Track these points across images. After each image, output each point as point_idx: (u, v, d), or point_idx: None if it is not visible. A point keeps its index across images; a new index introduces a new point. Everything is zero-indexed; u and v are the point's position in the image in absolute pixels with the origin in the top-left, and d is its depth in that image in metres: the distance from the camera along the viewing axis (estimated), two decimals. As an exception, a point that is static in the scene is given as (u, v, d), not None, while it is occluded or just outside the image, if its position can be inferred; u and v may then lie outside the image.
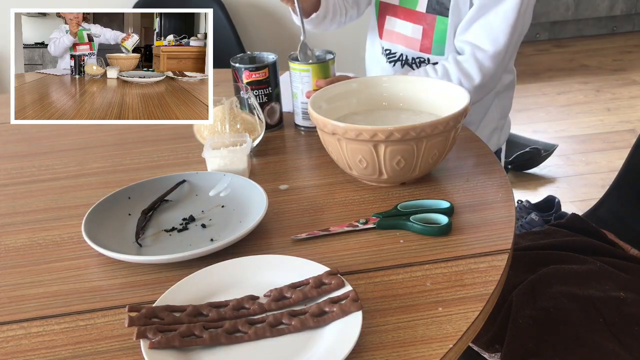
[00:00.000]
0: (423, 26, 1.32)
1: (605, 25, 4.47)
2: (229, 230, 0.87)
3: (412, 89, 1.08)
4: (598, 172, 2.67)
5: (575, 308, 1.04)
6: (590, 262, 1.14)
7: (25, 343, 0.70)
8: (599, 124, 3.14)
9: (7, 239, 0.91)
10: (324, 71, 1.15)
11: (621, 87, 3.58)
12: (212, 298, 0.73)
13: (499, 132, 1.49)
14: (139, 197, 0.95)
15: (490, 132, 1.46)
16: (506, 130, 1.52)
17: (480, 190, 0.96)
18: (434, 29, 1.31)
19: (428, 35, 1.32)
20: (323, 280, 0.73)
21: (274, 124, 1.22)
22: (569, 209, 2.19)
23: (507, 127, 1.53)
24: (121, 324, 0.71)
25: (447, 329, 0.67)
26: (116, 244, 0.84)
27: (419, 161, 0.92)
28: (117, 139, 1.25)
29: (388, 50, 1.42)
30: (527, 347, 0.99)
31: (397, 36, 1.38)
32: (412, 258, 0.80)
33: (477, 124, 1.43)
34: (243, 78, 1.16)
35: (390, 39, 1.40)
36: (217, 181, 0.98)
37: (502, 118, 1.48)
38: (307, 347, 0.65)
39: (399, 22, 1.37)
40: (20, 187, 1.08)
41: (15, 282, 0.81)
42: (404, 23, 1.35)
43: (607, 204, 1.40)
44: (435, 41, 1.32)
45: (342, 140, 0.92)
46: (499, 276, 0.75)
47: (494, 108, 1.45)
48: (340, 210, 0.93)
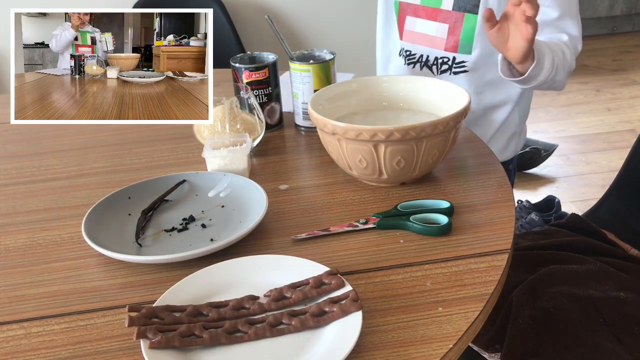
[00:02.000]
0: (449, 24, 1.29)
1: (605, 25, 4.47)
2: (229, 230, 0.87)
3: (412, 89, 1.08)
4: (598, 172, 2.67)
5: (575, 308, 1.04)
6: (590, 262, 1.14)
7: (25, 343, 0.70)
8: (599, 124, 3.14)
9: (7, 239, 0.91)
10: (324, 71, 1.15)
11: (621, 87, 3.58)
12: (212, 298, 0.73)
13: (517, 138, 1.44)
14: (139, 197, 0.95)
15: (509, 138, 1.41)
16: (523, 137, 1.47)
17: (480, 190, 0.96)
18: (462, 27, 1.27)
19: (454, 34, 1.29)
20: (323, 280, 0.73)
21: (274, 124, 1.22)
22: (569, 209, 2.19)
23: (524, 134, 1.48)
24: (121, 324, 0.71)
25: (447, 329, 0.67)
26: (116, 244, 0.84)
27: (419, 161, 0.92)
28: (117, 139, 1.25)
29: (408, 51, 1.38)
30: (527, 347, 0.99)
31: (418, 36, 1.35)
32: (412, 258, 0.80)
33: (496, 128, 1.38)
34: (243, 78, 1.16)
35: (411, 39, 1.37)
36: (217, 181, 0.98)
37: (521, 122, 1.42)
38: (307, 347, 0.65)
39: (421, 21, 1.33)
40: (20, 187, 1.08)
41: (15, 282, 0.81)
42: (428, 22, 1.32)
43: (607, 204, 1.40)
44: (462, 39, 1.29)
45: (342, 140, 0.92)
46: (499, 276, 0.75)
47: (515, 112, 1.39)
48: (340, 210, 0.93)
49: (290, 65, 1.17)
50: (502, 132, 1.40)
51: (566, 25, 1.25)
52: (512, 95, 1.36)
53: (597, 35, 4.47)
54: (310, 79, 1.15)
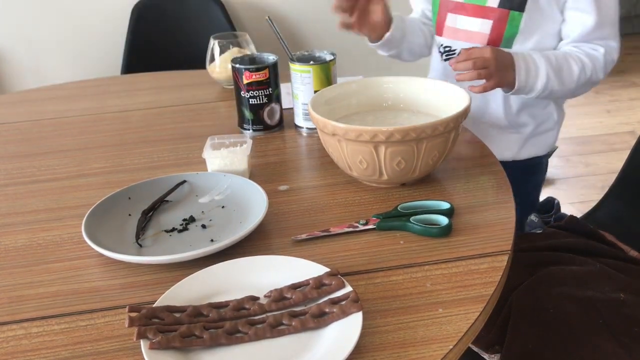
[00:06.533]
0: (493, 20, 1.29)
1: (604, 27, 4.47)
2: (229, 231, 0.87)
3: (413, 90, 1.08)
4: (597, 174, 2.67)
5: (575, 309, 1.04)
6: (590, 263, 1.14)
7: (25, 343, 0.70)
8: (599, 125, 3.14)
9: (7, 239, 0.91)
10: (324, 72, 1.15)
11: (621, 89, 3.59)
12: (212, 298, 0.73)
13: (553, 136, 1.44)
14: (139, 198, 0.95)
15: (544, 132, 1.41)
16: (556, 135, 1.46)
17: (481, 191, 0.96)
18: (506, 24, 1.28)
19: (499, 30, 1.29)
20: (323, 281, 0.73)
21: (274, 124, 1.22)
22: (568, 210, 2.18)
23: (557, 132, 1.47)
24: (121, 324, 0.71)
25: (447, 329, 0.67)
26: (116, 244, 0.84)
27: (419, 162, 0.92)
28: (117, 139, 1.25)
29: (448, 47, 1.38)
30: (526, 348, 0.99)
31: (460, 32, 1.35)
32: (412, 259, 0.80)
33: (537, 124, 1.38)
34: (243, 79, 1.16)
35: (452, 35, 1.37)
36: (218, 182, 0.98)
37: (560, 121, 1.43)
38: (308, 347, 0.65)
39: (464, 18, 1.33)
40: (20, 187, 1.08)
41: (15, 282, 0.81)
42: (471, 19, 1.32)
43: (607, 206, 1.39)
44: (506, 36, 1.29)
45: (343, 141, 0.92)
46: (499, 277, 0.75)
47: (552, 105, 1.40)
48: (340, 211, 0.93)
49: (291, 66, 1.17)
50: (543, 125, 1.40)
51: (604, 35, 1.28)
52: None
53: (596, 37, 4.47)
54: (310, 79, 1.15)
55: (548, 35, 1.28)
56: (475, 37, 1.32)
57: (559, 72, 1.20)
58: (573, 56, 1.23)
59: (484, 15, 1.30)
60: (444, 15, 1.37)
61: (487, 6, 1.29)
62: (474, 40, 1.32)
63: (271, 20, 1.20)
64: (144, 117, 1.37)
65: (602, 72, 1.27)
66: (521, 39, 1.28)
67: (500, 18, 1.28)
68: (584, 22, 1.24)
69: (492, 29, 1.29)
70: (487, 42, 1.30)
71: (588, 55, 1.24)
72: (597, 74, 1.25)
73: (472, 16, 1.32)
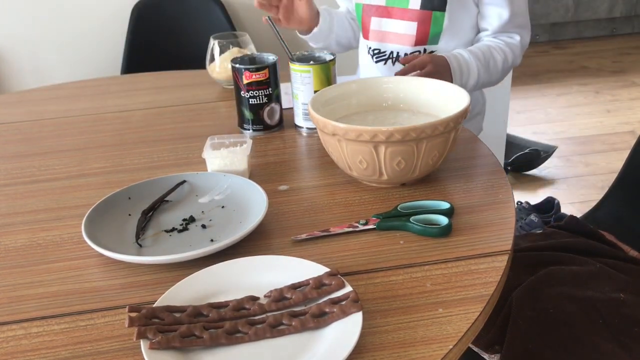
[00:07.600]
0: (417, 22, 1.34)
1: (604, 26, 4.48)
2: (229, 231, 0.87)
3: (412, 90, 1.08)
4: (597, 174, 2.67)
5: (575, 309, 1.04)
6: (590, 263, 1.14)
7: (25, 343, 0.70)
8: (599, 125, 3.15)
9: (7, 239, 0.91)
10: (324, 72, 1.15)
11: (621, 88, 3.59)
12: (212, 298, 0.73)
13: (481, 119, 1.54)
14: (139, 198, 0.95)
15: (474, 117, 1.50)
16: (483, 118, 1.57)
17: (480, 191, 0.96)
18: (430, 24, 1.33)
19: (424, 31, 1.34)
20: (323, 281, 0.73)
21: (274, 124, 1.22)
22: (568, 210, 2.19)
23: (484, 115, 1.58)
24: (121, 324, 0.71)
25: (447, 329, 0.67)
26: (116, 244, 0.84)
27: (419, 162, 0.92)
28: (117, 139, 1.25)
29: (377, 50, 1.42)
30: (527, 348, 0.99)
31: (386, 35, 1.39)
32: (412, 259, 0.80)
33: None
34: (243, 79, 1.17)
35: (378, 38, 1.41)
36: (217, 182, 0.98)
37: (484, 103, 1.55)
38: (308, 347, 0.65)
39: (388, 21, 1.37)
40: (20, 187, 1.08)
41: (15, 282, 0.81)
42: (396, 22, 1.36)
43: (607, 206, 1.40)
44: (431, 35, 1.34)
45: (343, 141, 0.92)
46: (499, 277, 0.75)
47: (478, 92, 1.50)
48: (340, 211, 0.93)
49: (291, 66, 1.17)
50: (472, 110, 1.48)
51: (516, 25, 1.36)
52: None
53: (596, 37, 4.48)
54: (310, 79, 1.15)
55: (469, 29, 1.37)
56: (401, 38, 1.37)
57: (487, 67, 1.31)
58: (496, 48, 1.33)
59: (407, 17, 1.35)
60: (368, 19, 1.41)
61: (410, 8, 1.34)
62: (402, 42, 1.37)
63: (271, 20, 1.20)
64: (143, 117, 1.37)
65: (520, 57, 1.39)
66: (446, 36, 1.34)
67: (424, 19, 1.33)
68: (500, 15, 1.33)
69: (417, 30, 1.34)
70: (414, 42, 1.36)
71: (507, 44, 1.35)
72: (516, 59, 1.37)
73: (397, 19, 1.36)
